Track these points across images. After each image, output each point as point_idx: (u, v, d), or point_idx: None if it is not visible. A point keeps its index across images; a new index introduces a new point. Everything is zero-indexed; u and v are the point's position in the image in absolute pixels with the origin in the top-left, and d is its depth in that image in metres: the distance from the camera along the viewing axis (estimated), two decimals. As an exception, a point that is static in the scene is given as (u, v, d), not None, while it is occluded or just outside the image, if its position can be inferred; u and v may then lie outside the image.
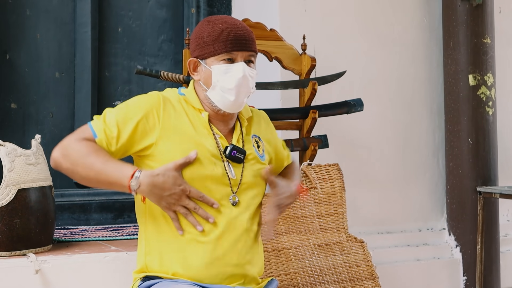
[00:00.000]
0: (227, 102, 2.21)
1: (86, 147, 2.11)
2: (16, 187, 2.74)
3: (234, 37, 2.19)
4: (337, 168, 3.22)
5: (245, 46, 2.21)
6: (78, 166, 2.11)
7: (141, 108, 2.18)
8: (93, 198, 3.73)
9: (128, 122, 2.16)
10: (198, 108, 2.25)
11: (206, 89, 2.23)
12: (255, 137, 2.35)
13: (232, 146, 2.24)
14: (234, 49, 2.19)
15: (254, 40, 2.26)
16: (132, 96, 3.99)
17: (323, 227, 3.12)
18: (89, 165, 2.10)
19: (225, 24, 2.21)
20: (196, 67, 2.26)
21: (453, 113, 4.02)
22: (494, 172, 3.99)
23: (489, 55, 3.98)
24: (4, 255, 2.72)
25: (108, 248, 2.96)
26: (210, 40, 2.20)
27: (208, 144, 2.21)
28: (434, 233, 4.10)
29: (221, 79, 2.19)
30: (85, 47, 3.77)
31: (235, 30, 2.20)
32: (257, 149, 2.33)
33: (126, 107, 2.20)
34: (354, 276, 3.09)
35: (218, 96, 2.21)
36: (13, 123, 3.69)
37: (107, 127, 2.15)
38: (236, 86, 2.19)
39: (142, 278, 2.23)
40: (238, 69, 2.19)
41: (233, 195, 2.22)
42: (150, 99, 2.21)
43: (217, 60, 2.20)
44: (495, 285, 3.96)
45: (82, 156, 2.10)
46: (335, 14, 3.89)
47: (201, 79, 2.24)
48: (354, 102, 3.45)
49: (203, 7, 3.98)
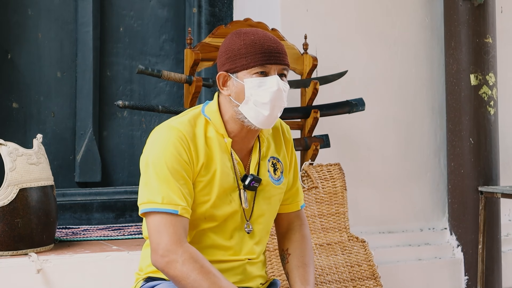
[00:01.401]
0: (260, 117, 2.12)
1: (204, 279, 2.01)
2: (18, 186, 2.74)
3: (268, 49, 2.11)
4: (339, 167, 3.22)
5: (278, 59, 2.12)
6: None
7: (173, 153, 2.08)
8: (94, 197, 3.73)
9: (176, 174, 2.07)
10: (221, 133, 2.16)
11: (237, 104, 2.14)
12: (273, 159, 2.28)
13: (252, 177, 2.18)
14: (268, 62, 2.11)
15: (286, 53, 2.17)
16: (133, 96, 3.99)
17: (325, 226, 3.12)
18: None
19: (257, 37, 2.12)
20: (226, 81, 2.15)
21: (454, 112, 4.01)
22: (495, 171, 3.99)
23: (490, 54, 3.97)
24: (6, 254, 2.73)
25: (109, 248, 2.96)
26: (242, 53, 2.11)
27: (228, 175, 2.17)
28: (435, 232, 4.10)
29: (255, 93, 2.10)
30: (87, 47, 3.77)
31: (268, 43, 2.12)
32: (273, 173, 2.26)
33: (161, 164, 2.07)
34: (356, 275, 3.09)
35: (252, 111, 2.12)
36: (14, 123, 3.69)
37: (171, 197, 2.05)
38: (271, 100, 2.10)
39: (145, 278, 2.22)
40: (272, 83, 2.11)
41: (247, 223, 2.21)
42: (175, 145, 2.10)
43: (250, 73, 2.11)
44: (496, 284, 3.95)
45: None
46: (337, 13, 3.89)
47: (232, 94, 2.14)
48: (355, 101, 3.45)
49: (205, 6, 3.98)
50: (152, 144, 2.12)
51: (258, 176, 2.21)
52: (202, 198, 2.13)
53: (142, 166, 2.12)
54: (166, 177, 2.06)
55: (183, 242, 2.04)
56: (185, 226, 2.06)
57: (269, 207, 2.26)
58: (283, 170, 2.29)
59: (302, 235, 2.35)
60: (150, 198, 2.06)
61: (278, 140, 2.31)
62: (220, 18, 3.99)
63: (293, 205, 2.38)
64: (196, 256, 2.03)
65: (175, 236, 2.03)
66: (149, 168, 2.08)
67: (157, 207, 2.04)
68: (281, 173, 2.28)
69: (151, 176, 2.07)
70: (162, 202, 2.04)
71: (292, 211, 2.38)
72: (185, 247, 2.03)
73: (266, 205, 2.24)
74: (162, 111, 3.12)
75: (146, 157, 2.11)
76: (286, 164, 2.32)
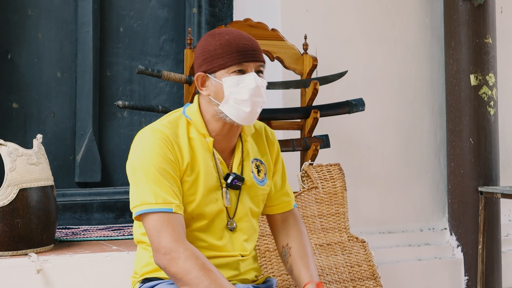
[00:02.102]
0: (242, 114, 2.16)
1: (205, 276, 2.03)
2: (18, 186, 2.74)
3: (244, 48, 2.15)
4: (339, 168, 3.22)
5: (254, 57, 2.16)
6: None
7: (159, 154, 2.12)
8: (94, 198, 3.73)
9: (164, 173, 2.11)
10: (203, 133, 2.21)
11: (217, 103, 2.17)
12: (256, 161, 2.32)
13: (234, 176, 2.22)
14: (245, 60, 2.14)
15: (261, 50, 2.21)
16: (133, 96, 4.00)
17: (325, 227, 3.12)
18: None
19: (232, 36, 2.16)
20: (204, 82, 2.19)
21: (454, 113, 4.01)
22: (495, 172, 3.99)
23: (490, 55, 3.97)
24: (6, 254, 2.72)
25: (109, 248, 2.96)
26: (218, 53, 2.15)
27: (212, 175, 2.20)
28: (435, 233, 4.10)
29: (234, 91, 2.14)
30: (87, 47, 3.78)
31: (243, 41, 2.16)
32: (257, 174, 2.30)
33: (149, 165, 2.11)
34: (356, 276, 3.09)
35: (233, 109, 2.16)
36: (14, 123, 3.69)
37: (163, 197, 2.08)
38: (251, 96, 2.14)
39: (141, 280, 2.23)
40: (250, 80, 2.14)
41: (230, 221, 2.24)
42: (160, 146, 2.13)
43: (228, 72, 2.15)
44: (496, 285, 3.95)
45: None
46: (337, 14, 3.89)
47: (211, 94, 2.18)
48: (355, 102, 3.45)
49: (205, 7, 3.98)
50: (136, 148, 2.16)
51: (242, 175, 2.25)
52: (188, 197, 2.16)
53: (129, 171, 2.15)
54: (156, 178, 2.09)
55: (184, 240, 2.07)
56: (182, 223, 2.10)
57: (253, 207, 2.29)
58: (266, 172, 2.33)
59: (300, 230, 2.39)
60: (143, 200, 2.09)
61: (261, 144, 2.35)
62: (220, 19, 4.00)
63: (286, 204, 2.42)
64: (197, 254, 2.06)
65: (174, 234, 2.06)
66: (137, 172, 2.12)
67: (151, 208, 2.08)
68: (264, 175, 2.32)
69: (141, 179, 2.10)
70: (155, 202, 2.08)
71: (285, 211, 2.41)
72: (186, 245, 2.06)
73: (250, 204, 2.28)
74: (162, 111, 3.12)
75: (132, 161, 2.14)
76: (270, 166, 2.36)
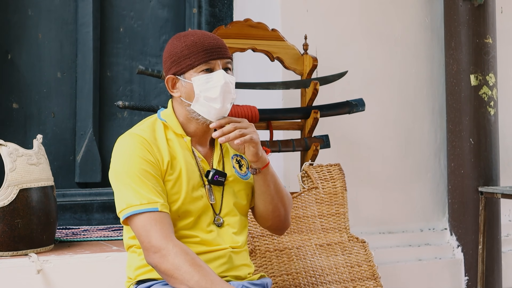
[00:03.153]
0: (213, 111, 2.20)
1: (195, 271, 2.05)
2: (18, 187, 2.74)
3: (209, 46, 2.20)
4: (339, 168, 3.22)
5: (221, 54, 2.21)
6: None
7: (139, 157, 2.16)
8: (94, 198, 3.73)
9: (146, 174, 2.15)
10: (179, 133, 2.25)
11: (189, 103, 2.22)
12: (236, 157, 2.35)
13: (214, 171, 2.26)
14: (211, 58, 2.20)
15: (227, 47, 2.26)
16: (133, 96, 4.00)
17: (325, 227, 3.12)
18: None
19: (196, 37, 2.22)
20: (175, 84, 2.24)
21: (454, 113, 4.01)
22: (495, 172, 3.99)
23: (490, 55, 3.97)
24: (6, 255, 2.72)
25: (109, 248, 2.96)
26: (185, 54, 2.20)
27: (194, 172, 2.23)
28: (435, 233, 4.10)
29: (204, 89, 2.18)
30: (87, 47, 3.78)
31: (208, 40, 2.21)
32: (239, 168, 2.34)
33: (130, 169, 2.15)
34: (356, 276, 3.09)
35: (203, 107, 2.20)
36: (14, 123, 3.69)
37: (147, 197, 2.12)
38: (220, 93, 2.18)
39: (136, 282, 2.24)
40: (219, 77, 2.19)
41: (217, 217, 2.26)
42: (139, 148, 2.17)
43: (196, 72, 2.20)
44: (496, 285, 3.95)
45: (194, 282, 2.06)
46: (337, 14, 3.89)
47: (182, 95, 2.23)
48: (355, 102, 3.45)
49: (205, 7, 3.98)
50: (117, 154, 2.20)
51: (224, 171, 2.29)
52: (172, 196, 2.19)
53: (112, 177, 2.20)
54: (138, 180, 2.13)
55: (172, 237, 2.10)
56: (169, 221, 2.13)
57: (239, 201, 2.32)
58: (248, 166, 2.36)
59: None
60: (128, 202, 2.13)
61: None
62: (220, 19, 4.00)
63: None
64: (186, 250, 2.09)
65: (162, 231, 2.09)
66: (119, 176, 2.16)
67: (137, 209, 2.11)
68: (246, 169, 2.35)
69: (124, 183, 2.14)
70: (140, 203, 2.12)
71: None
72: (175, 241, 2.09)
73: (235, 199, 2.31)
74: (162, 112, 3.12)
75: (114, 167, 2.19)
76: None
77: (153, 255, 2.08)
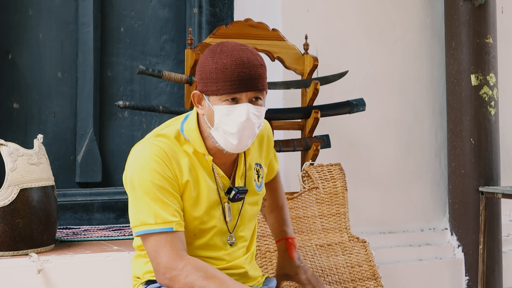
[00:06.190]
0: (229, 145, 2.08)
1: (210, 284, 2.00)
2: (19, 187, 2.74)
3: (239, 77, 2.00)
4: (339, 168, 3.22)
5: (250, 87, 2.02)
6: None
7: (157, 172, 2.05)
8: (95, 198, 3.74)
9: (163, 191, 2.05)
10: (202, 152, 2.12)
11: (210, 127, 2.09)
12: (257, 166, 2.26)
13: (237, 190, 2.15)
14: (238, 91, 2.02)
15: (262, 76, 2.05)
16: (134, 96, 3.99)
17: (325, 227, 3.12)
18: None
19: (229, 60, 2.01)
20: (201, 100, 2.09)
21: (455, 113, 4.01)
22: (496, 172, 3.99)
23: (491, 55, 3.97)
24: (7, 255, 2.73)
25: (110, 248, 2.96)
26: (213, 78, 2.02)
27: (213, 190, 2.15)
28: (436, 233, 4.10)
29: (223, 121, 2.04)
30: (88, 47, 3.78)
31: (239, 69, 2.01)
32: (257, 179, 2.25)
33: (147, 183, 2.04)
34: (356, 276, 3.09)
35: (221, 138, 2.07)
36: (15, 123, 3.69)
37: (163, 217, 2.03)
38: (238, 130, 2.04)
39: (145, 282, 2.20)
40: (241, 112, 2.03)
41: (230, 235, 2.20)
42: (158, 162, 2.06)
43: (220, 100, 2.03)
44: (497, 285, 3.95)
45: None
46: (337, 14, 3.89)
47: (205, 115, 2.09)
48: (356, 102, 3.45)
49: (205, 7, 3.98)
50: (134, 163, 2.09)
51: (245, 186, 2.20)
52: (191, 215, 2.11)
53: (127, 187, 2.10)
54: (155, 196, 2.03)
55: (183, 256, 2.03)
56: (182, 239, 2.05)
57: (254, 210, 2.26)
58: (263, 175, 2.29)
59: (275, 187, 2.45)
60: (143, 220, 2.04)
61: (260, 144, 2.29)
62: (220, 19, 4.00)
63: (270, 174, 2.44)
64: (197, 265, 2.02)
65: (173, 252, 2.01)
66: (135, 190, 2.06)
67: (151, 229, 2.03)
68: (262, 179, 2.28)
69: (140, 197, 2.05)
70: (155, 222, 2.03)
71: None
72: (185, 260, 2.02)
73: (251, 211, 2.25)
74: (163, 112, 3.13)
75: (131, 177, 2.08)
76: (267, 165, 2.33)
77: (163, 277, 2.02)
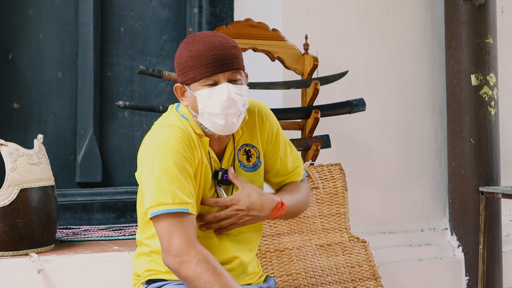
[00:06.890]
0: (217, 126, 2.10)
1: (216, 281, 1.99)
2: (19, 187, 2.74)
3: (212, 59, 2.06)
4: (339, 168, 3.22)
5: (225, 67, 2.07)
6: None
7: (179, 152, 2.07)
8: (95, 198, 3.74)
9: (183, 172, 2.05)
10: (199, 133, 2.15)
11: (196, 115, 2.13)
12: (245, 146, 2.24)
13: (223, 171, 2.17)
14: (214, 72, 2.07)
15: (236, 56, 2.10)
16: (134, 96, 3.99)
17: (325, 227, 3.12)
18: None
19: (202, 46, 2.07)
20: (184, 92, 2.15)
21: (455, 113, 4.01)
22: (496, 172, 3.99)
23: (491, 55, 3.97)
24: (7, 255, 2.73)
25: (110, 248, 2.96)
26: (189, 66, 2.08)
27: (208, 173, 2.16)
28: (436, 233, 4.10)
29: (206, 103, 2.08)
30: (88, 47, 3.78)
31: (213, 52, 2.06)
32: (246, 161, 2.23)
33: (168, 163, 2.04)
34: (356, 276, 3.09)
35: (208, 122, 2.11)
36: (15, 123, 3.69)
37: (181, 197, 2.03)
38: (222, 109, 2.07)
39: (145, 282, 2.20)
40: (221, 92, 2.07)
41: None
42: (180, 142, 2.08)
43: (200, 85, 2.09)
44: (497, 285, 3.95)
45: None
46: (338, 14, 3.89)
47: (189, 105, 2.14)
48: (356, 102, 3.45)
49: (206, 7, 3.98)
50: (153, 142, 2.09)
51: (234, 168, 2.20)
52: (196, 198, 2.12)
53: (145, 166, 2.07)
54: (175, 175, 2.03)
55: (195, 243, 2.02)
56: (194, 224, 2.05)
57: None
58: (259, 155, 2.26)
59: (297, 187, 2.34)
60: (160, 200, 2.02)
61: (253, 126, 2.27)
62: (220, 19, 3.99)
63: (292, 177, 2.36)
64: (208, 257, 2.02)
65: (187, 236, 2.01)
66: (154, 170, 2.04)
67: (168, 208, 2.01)
68: (257, 158, 2.25)
69: (159, 177, 2.03)
70: (172, 202, 2.02)
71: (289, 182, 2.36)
72: (198, 248, 2.01)
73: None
74: (163, 112, 3.12)
75: (152, 159, 2.06)
76: (264, 145, 2.28)
77: (173, 259, 2.01)
